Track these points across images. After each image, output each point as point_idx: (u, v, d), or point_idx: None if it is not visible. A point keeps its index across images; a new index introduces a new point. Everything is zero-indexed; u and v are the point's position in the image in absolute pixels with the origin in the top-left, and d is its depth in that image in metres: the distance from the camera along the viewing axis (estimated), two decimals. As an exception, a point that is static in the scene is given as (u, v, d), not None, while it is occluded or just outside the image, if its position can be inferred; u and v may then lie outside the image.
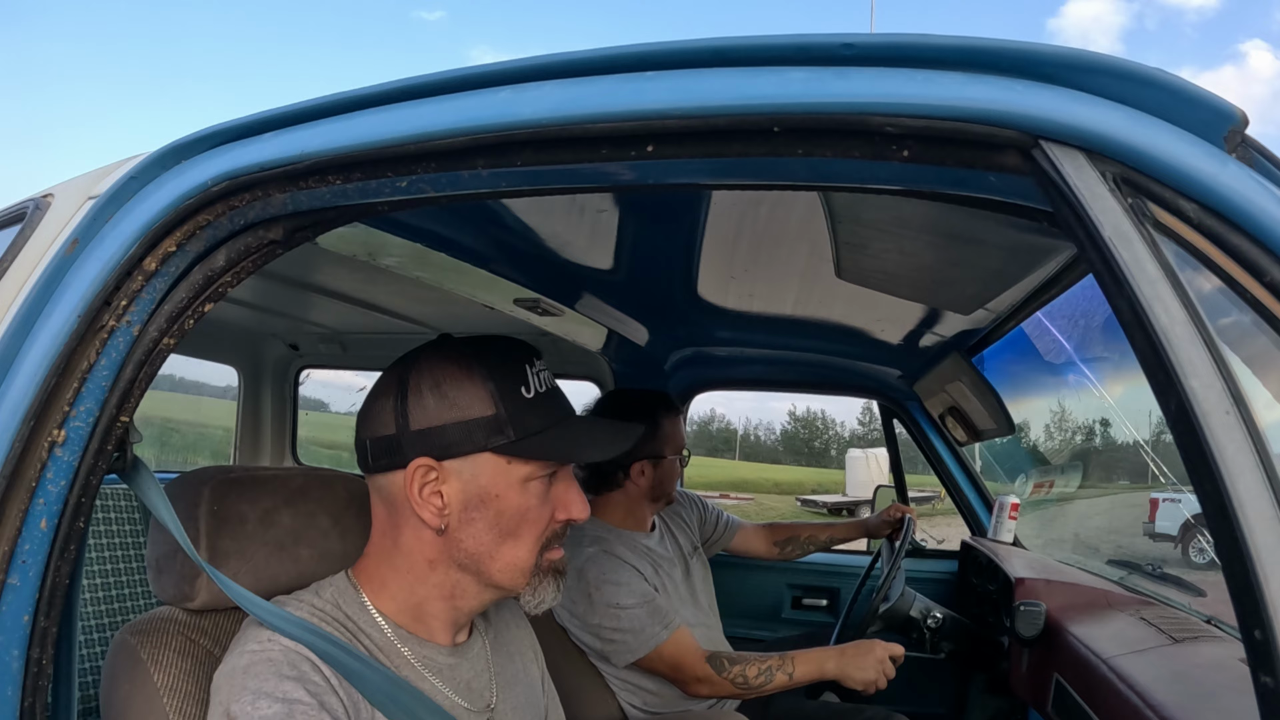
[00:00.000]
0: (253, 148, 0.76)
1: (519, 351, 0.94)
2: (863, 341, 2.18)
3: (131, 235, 0.81)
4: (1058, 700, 1.45)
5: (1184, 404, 0.48)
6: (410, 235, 1.36)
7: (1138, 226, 0.50)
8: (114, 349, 0.80)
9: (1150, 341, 0.49)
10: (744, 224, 1.31)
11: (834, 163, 0.57)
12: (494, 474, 0.89)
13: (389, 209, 0.72)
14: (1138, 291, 0.49)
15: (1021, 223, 0.99)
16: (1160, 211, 0.51)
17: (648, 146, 0.57)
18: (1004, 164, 0.55)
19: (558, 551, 0.96)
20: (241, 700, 0.77)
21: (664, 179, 0.62)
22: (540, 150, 0.60)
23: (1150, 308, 0.49)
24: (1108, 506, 3.83)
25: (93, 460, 0.80)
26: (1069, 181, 0.52)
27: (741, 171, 0.60)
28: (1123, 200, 0.51)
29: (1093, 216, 0.51)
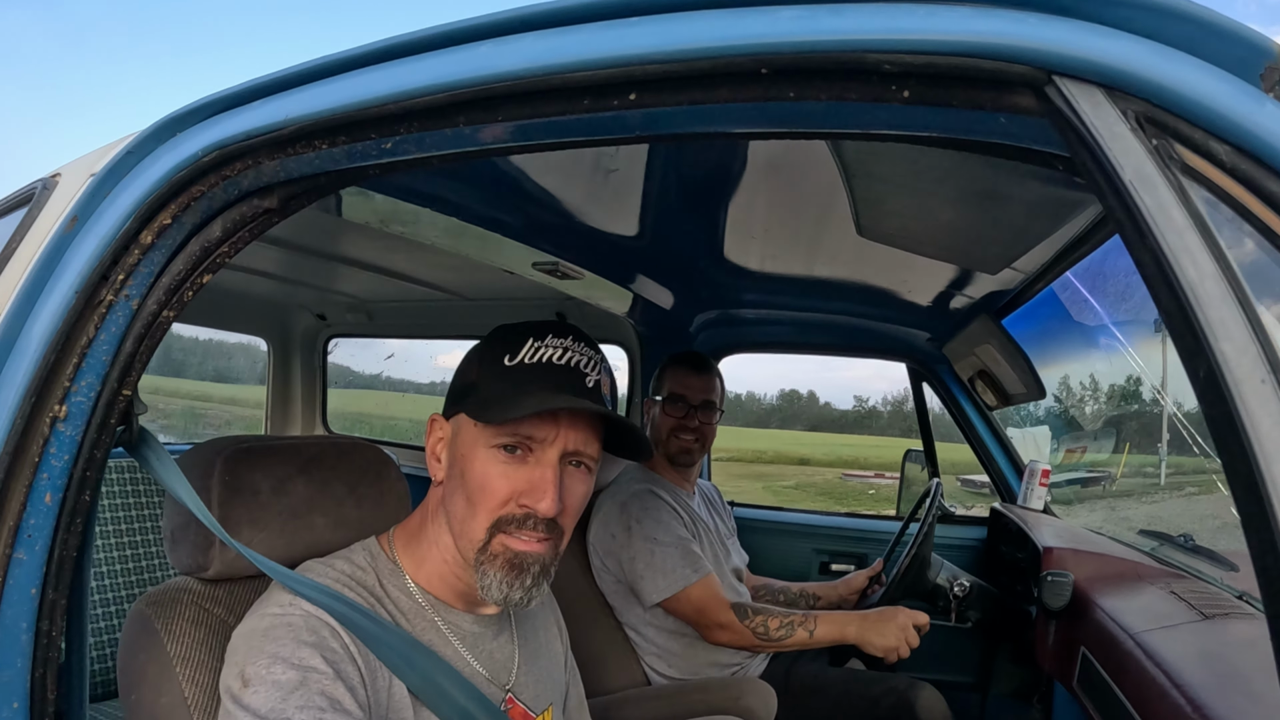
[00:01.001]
0: (241, 117, 0.75)
1: (537, 328, 0.93)
2: (890, 303, 2.13)
3: (127, 209, 0.80)
4: (1083, 675, 1.42)
5: (1213, 370, 0.43)
6: (421, 201, 1.35)
7: (1163, 170, 0.45)
8: (113, 323, 0.80)
9: (1176, 299, 0.44)
10: (762, 183, 1.27)
11: (830, 107, 0.53)
12: (467, 435, 0.91)
13: (379, 172, 0.70)
14: (1162, 242, 0.44)
15: (1044, 175, 0.94)
16: (1189, 154, 0.46)
17: (630, 94, 0.54)
18: (1015, 104, 0.50)
19: (519, 542, 0.89)
20: (258, 663, 0.78)
21: (652, 129, 0.59)
22: (520, 103, 0.57)
23: (1176, 260, 0.44)
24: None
25: (96, 434, 0.80)
26: (1086, 121, 0.47)
27: (731, 118, 0.56)
28: (1146, 141, 0.46)
29: (1112, 159, 0.46)
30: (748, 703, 1.68)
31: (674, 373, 1.98)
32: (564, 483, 0.90)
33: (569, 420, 0.90)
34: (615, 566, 1.83)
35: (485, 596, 0.89)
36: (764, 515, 2.76)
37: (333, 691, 0.78)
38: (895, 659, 1.62)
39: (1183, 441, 1.89)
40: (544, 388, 0.89)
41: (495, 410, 0.87)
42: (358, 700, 0.80)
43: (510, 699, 0.98)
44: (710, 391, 1.97)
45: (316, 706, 0.76)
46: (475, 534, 0.89)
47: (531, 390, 0.88)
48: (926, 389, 2.62)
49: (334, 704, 0.77)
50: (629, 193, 1.43)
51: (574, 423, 0.90)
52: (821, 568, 2.64)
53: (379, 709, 0.83)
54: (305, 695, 0.76)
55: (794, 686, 1.87)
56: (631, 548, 1.78)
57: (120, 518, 2.15)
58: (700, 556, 1.80)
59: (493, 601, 0.90)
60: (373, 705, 0.82)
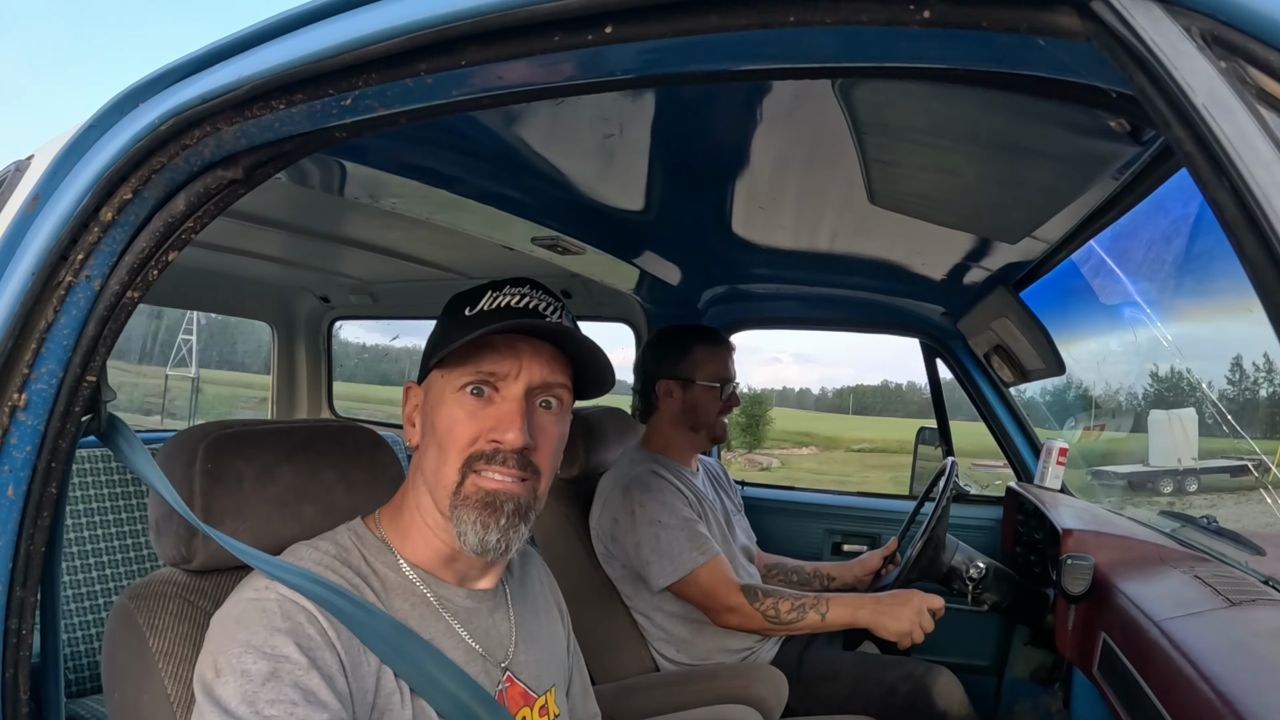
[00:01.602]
0: (198, 82, 0.71)
1: (499, 281, 0.95)
2: (903, 276, 2.06)
3: (86, 185, 0.77)
4: (1105, 662, 1.36)
5: None
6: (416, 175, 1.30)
7: (1238, 95, 0.38)
8: (74, 306, 0.76)
9: (1265, 245, 0.37)
10: (768, 149, 1.21)
11: (837, 34, 0.46)
12: (436, 389, 0.92)
13: (346, 134, 0.65)
14: (1248, 177, 0.37)
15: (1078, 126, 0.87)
16: (1264, 79, 0.39)
17: (606, 27, 0.48)
18: (1057, 24, 0.43)
19: (490, 481, 0.88)
20: (229, 652, 0.75)
21: (634, 70, 0.53)
22: (485, 44, 0.52)
23: (1266, 198, 0.37)
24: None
25: (60, 423, 0.76)
26: (1144, 38, 0.40)
27: (724, 53, 0.50)
28: (1215, 63, 0.39)
29: (1179, 80, 0.39)
30: (758, 690, 1.65)
31: (710, 353, 1.93)
32: (535, 422, 0.90)
33: (530, 353, 0.90)
34: (620, 551, 1.79)
35: (463, 544, 0.88)
36: (775, 495, 2.72)
37: (306, 682, 0.74)
38: (909, 644, 1.58)
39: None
40: (518, 328, 0.90)
41: (449, 344, 0.88)
42: (335, 690, 0.76)
43: (509, 677, 0.95)
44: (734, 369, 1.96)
45: (288, 700, 0.73)
46: (448, 478, 0.88)
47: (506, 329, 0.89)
48: (941, 366, 2.55)
49: (308, 696, 0.74)
50: (631, 163, 1.38)
51: (535, 355, 0.91)
52: (834, 548, 2.60)
53: (364, 695, 0.80)
54: (277, 688, 0.73)
55: (806, 673, 1.83)
56: (636, 532, 1.74)
57: (109, 507, 2.13)
58: (707, 538, 1.75)
59: (470, 549, 0.88)
60: (355, 693, 0.79)
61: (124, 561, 2.13)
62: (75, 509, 2.07)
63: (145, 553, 2.17)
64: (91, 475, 2.10)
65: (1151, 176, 1.04)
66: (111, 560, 2.11)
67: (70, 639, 2.00)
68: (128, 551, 2.15)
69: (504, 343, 0.89)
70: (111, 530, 2.12)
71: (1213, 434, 2.28)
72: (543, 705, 0.99)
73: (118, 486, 2.14)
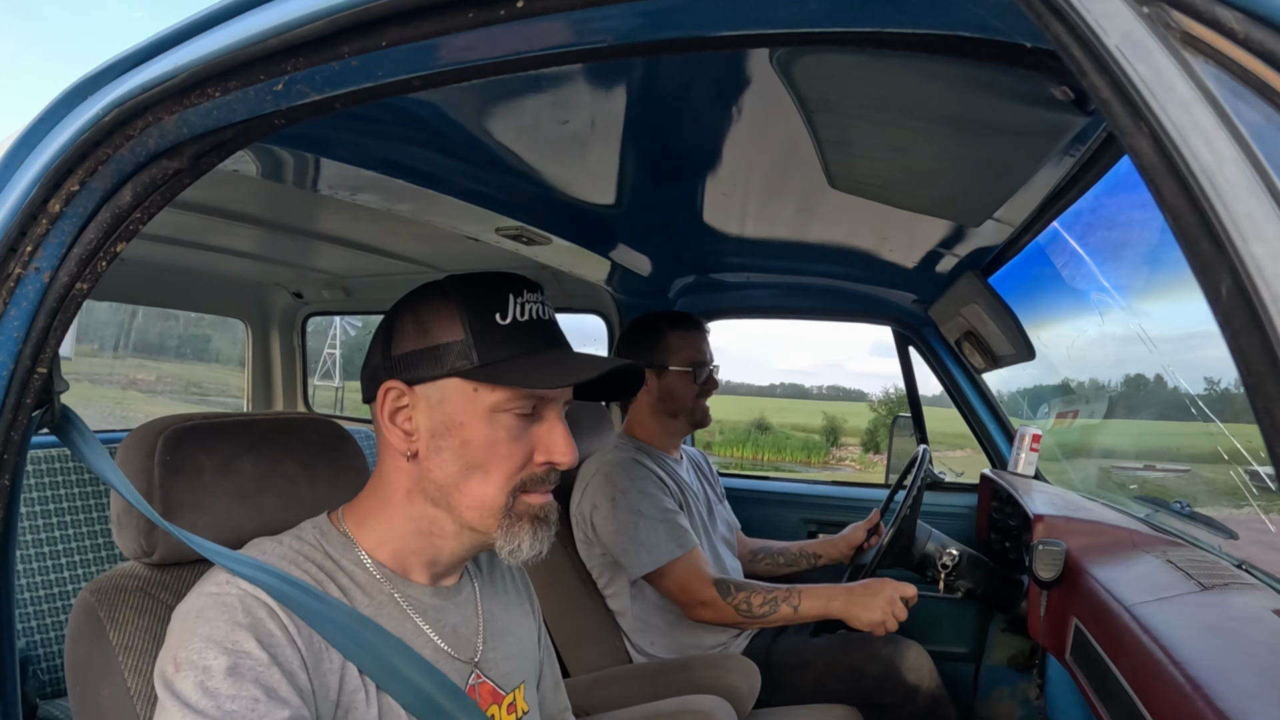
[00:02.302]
0: (140, 72, 0.71)
1: (509, 281, 0.91)
2: (873, 264, 2.06)
3: (33, 177, 0.76)
4: (1076, 647, 1.37)
5: (1241, 283, 0.33)
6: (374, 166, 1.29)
7: (1158, 36, 0.37)
8: (23, 298, 0.76)
9: (1186, 192, 0.35)
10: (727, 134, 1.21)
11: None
12: (460, 401, 0.87)
13: (284, 121, 0.65)
14: (1164, 119, 0.35)
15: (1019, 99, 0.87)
16: (1189, 22, 0.37)
17: (516, 1, 0.48)
18: None
19: (540, 497, 0.90)
20: (190, 646, 0.74)
21: (553, 44, 0.52)
22: (403, 24, 0.51)
23: (1184, 141, 0.35)
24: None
25: (12, 415, 0.76)
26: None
27: (634, 24, 0.49)
28: (1135, 6, 0.38)
29: (1091, 22, 0.37)
30: (731, 680, 1.66)
31: (685, 338, 1.94)
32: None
33: None
34: (598, 539, 1.80)
35: (513, 559, 0.89)
36: (751, 485, 2.73)
37: (267, 679, 0.74)
38: (882, 633, 1.60)
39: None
40: (549, 347, 0.90)
41: (519, 375, 0.86)
42: (296, 687, 0.76)
43: (477, 675, 0.95)
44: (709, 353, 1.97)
45: (250, 696, 0.72)
46: (494, 501, 0.88)
47: (541, 350, 0.89)
48: (914, 354, 2.57)
49: (269, 692, 0.73)
50: (594, 152, 1.37)
51: None
52: (808, 536, 2.62)
53: (326, 693, 0.79)
54: (237, 683, 0.73)
55: (776, 662, 1.84)
56: (615, 519, 1.75)
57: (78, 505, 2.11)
58: (687, 531, 1.76)
59: (520, 561, 0.90)
60: (317, 690, 0.78)
61: (95, 561, 2.12)
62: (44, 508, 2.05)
63: (116, 551, 2.16)
64: (60, 474, 2.08)
65: (1108, 153, 1.06)
66: (84, 559, 2.09)
67: (44, 639, 1.99)
68: (99, 550, 2.13)
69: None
70: (83, 529, 2.10)
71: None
72: (510, 702, 0.99)
73: (87, 485, 2.13)
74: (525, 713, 1.01)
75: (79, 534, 2.09)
